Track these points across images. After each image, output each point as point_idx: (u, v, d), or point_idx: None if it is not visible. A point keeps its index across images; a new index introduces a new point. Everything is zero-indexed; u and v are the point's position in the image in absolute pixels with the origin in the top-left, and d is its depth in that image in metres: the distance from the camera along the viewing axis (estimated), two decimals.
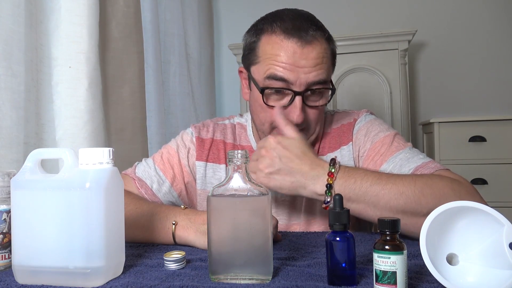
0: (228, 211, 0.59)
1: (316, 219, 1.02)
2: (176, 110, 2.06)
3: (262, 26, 0.95)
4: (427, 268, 0.52)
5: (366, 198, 0.78)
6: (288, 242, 0.82)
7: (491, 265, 0.54)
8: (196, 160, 1.04)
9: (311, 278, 0.58)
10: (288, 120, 0.90)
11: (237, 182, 0.60)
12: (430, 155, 2.35)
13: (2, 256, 0.67)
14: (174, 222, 0.82)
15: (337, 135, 1.04)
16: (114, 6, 1.53)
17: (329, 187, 0.80)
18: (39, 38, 1.18)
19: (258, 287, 0.56)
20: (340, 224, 0.56)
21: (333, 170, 0.80)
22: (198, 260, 0.70)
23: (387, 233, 0.52)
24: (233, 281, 0.58)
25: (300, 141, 0.85)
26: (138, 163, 1.06)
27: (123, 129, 1.59)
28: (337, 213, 0.56)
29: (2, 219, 0.67)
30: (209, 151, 1.05)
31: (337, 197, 0.57)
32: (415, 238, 0.73)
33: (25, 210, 0.60)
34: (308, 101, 0.93)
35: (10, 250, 0.64)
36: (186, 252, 0.69)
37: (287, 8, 0.97)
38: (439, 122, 2.27)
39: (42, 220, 0.59)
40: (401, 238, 0.53)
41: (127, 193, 0.92)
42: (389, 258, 0.50)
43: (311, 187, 0.82)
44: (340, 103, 2.33)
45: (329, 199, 0.80)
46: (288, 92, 0.91)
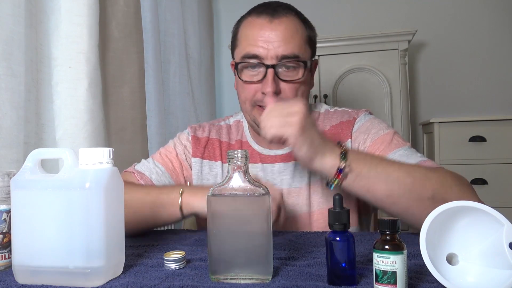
0: (228, 211, 0.59)
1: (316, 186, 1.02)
2: (176, 110, 2.06)
3: (243, 16, 1.03)
4: (427, 268, 0.52)
5: (378, 170, 0.79)
6: (288, 242, 0.82)
7: (491, 265, 0.54)
8: (192, 157, 1.07)
9: (311, 278, 0.58)
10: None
11: (237, 182, 0.60)
12: (430, 155, 2.36)
13: (2, 256, 0.67)
14: (181, 191, 0.86)
15: (336, 132, 1.04)
16: (114, 6, 1.53)
17: (344, 155, 0.79)
18: (39, 38, 1.18)
19: (258, 287, 0.56)
20: (340, 224, 0.56)
21: (342, 144, 0.83)
22: (198, 260, 0.70)
23: (387, 233, 0.52)
24: (233, 281, 0.58)
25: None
26: (137, 163, 1.08)
27: (123, 129, 1.59)
28: (337, 213, 0.56)
29: (2, 219, 0.67)
30: (205, 149, 1.08)
31: (337, 197, 0.57)
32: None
33: (25, 210, 0.60)
34: (282, 76, 0.95)
35: (10, 250, 0.64)
36: (186, 252, 0.69)
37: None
38: (439, 122, 2.28)
39: (42, 220, 0.59)
40: (403, 233, 0.53)
41: (129, 183, 0.93)
42: (389, 258, 0.50)
43: (327, 158, 0.80)
44: (340, 103, 2.32)
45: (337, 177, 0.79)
46: (262, 67, 0.95)
